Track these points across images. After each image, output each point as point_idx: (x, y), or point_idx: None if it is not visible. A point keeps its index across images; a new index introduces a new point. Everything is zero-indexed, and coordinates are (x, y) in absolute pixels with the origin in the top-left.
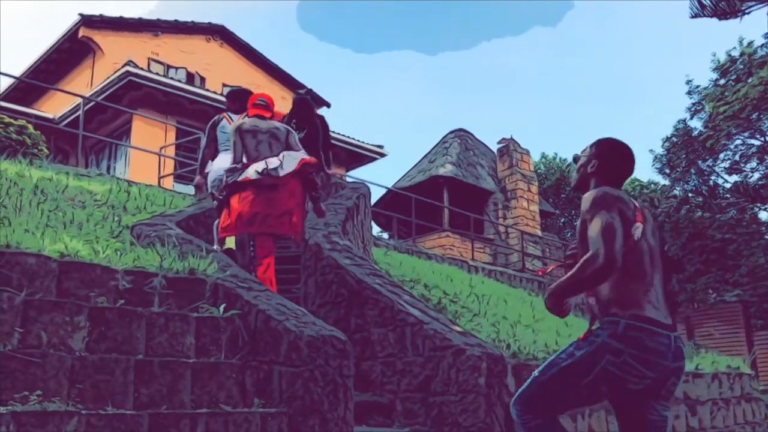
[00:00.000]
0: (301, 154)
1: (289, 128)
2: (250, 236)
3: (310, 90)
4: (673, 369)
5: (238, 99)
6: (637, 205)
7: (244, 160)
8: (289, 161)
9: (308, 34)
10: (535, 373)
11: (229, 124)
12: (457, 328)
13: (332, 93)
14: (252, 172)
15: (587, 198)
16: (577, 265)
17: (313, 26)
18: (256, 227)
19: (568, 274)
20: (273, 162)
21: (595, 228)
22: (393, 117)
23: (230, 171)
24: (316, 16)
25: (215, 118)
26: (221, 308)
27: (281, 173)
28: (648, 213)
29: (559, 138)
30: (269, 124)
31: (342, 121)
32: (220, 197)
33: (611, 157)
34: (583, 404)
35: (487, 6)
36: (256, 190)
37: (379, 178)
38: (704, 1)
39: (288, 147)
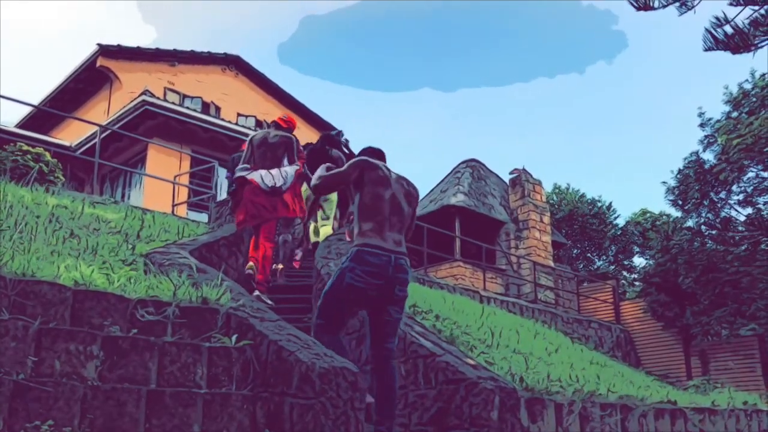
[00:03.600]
0: (295, 167)
1: (293, 138)
2: (257, 227)
3: (340, 131)
4: (395, 278)
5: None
6: (388, 174)
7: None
8: (289, 178)
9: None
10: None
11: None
12: (470, 361)
13: (350, 126)
14: (258, 178)
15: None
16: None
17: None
18: (261, 219)
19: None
20: (279, 179)
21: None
22: (406, 148)
23: (241, 169)
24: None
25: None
26: (233, 338)
27: (284, 188)
28: (403, 182)
29: (572, 169)
30: (277, 134)
31: (355, 150)
32: (231, 189)
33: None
34: (352, 314)
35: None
36: (263, 194)
37: None
38: (717, 35)
39: (289, 154)
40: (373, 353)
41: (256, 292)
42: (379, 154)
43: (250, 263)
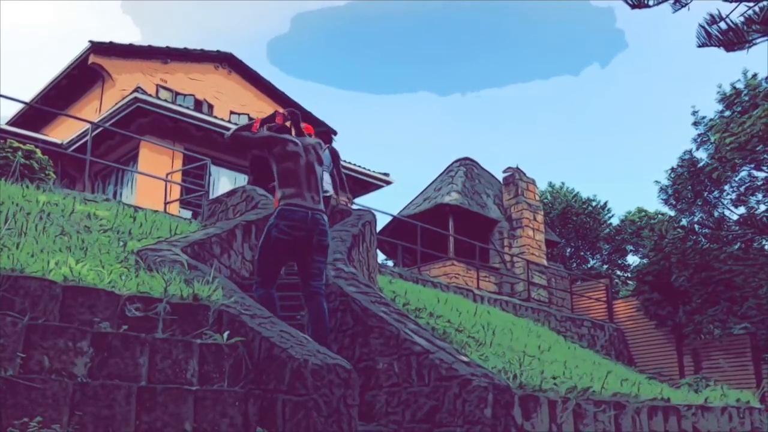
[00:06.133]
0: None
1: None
2: None
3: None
4: (314, 228)
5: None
6: (296, 144)
7: None
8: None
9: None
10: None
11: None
12: (464, 358)
13: (344, 127)
14: None
15: None
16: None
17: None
18: None
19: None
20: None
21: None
22: (400, 147)
23: None
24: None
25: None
26: (225, 335)
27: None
28: (311, 148)
29: (565, 167)
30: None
31: (349, 150)
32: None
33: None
34: (283, 264)
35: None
36: None
37: (384, 205)
38: (711, 31)
39: None
40: (304, 292)
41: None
42: (287, 129)
43: None
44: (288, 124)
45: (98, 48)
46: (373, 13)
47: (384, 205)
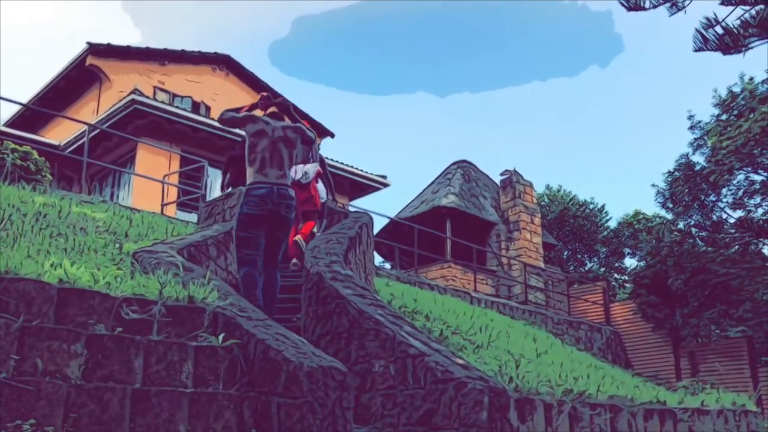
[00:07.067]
0: (315, 166)
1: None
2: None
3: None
4: (280, 202)
5: None
6: (266, 125)
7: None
8: (311, 171)
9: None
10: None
11: None
12: (460, 361)
13: (342, 128)
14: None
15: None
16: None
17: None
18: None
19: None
20: (299, 172)
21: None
22: (398, 148)
23: None
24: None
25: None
26: (220, 337)
27: (304, 182)
28: (280, 130)
29: (564, 169)
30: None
31: (346, 152)
32: None
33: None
34: (257, 240)
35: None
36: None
37: (382, 207)
38: (708, 35)
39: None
40: (264, 260)
41: (295, 260)
42: (276, 115)
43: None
44: (271, 110)
45: (96, 49)
46: (372, 14)
47: (381, 207)
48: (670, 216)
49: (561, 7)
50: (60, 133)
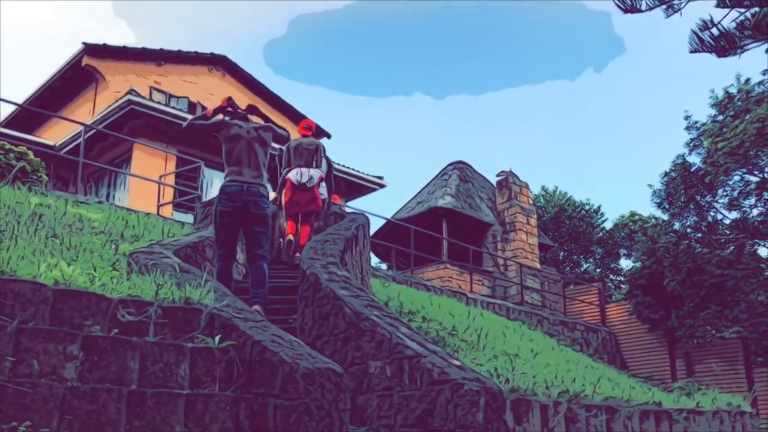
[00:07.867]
0: (320, 172)
1: (319, 143)
2: (296, 214)
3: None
4: (250, 199)
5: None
6: (240, 129)
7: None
8: (315, 176)
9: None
10: None
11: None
12: (456, 362)
13: (339, 129)
14: (293, 176)
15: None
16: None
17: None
18: (298, 210)
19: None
20: (305, 176)
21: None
22: (395, 149)
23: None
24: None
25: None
26: (216, 339)
27: (309, 185)
28: (254, 131)
29: (560, 170)
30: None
31: (343, 153)
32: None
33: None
34: (232, 235)
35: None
36: (295, 190)
37: (378, 208)
38: (703, 37)
39: (317, 157)
40: (248, 257)
41: (298, 254)
42: (242, 117)
43: (291, 235)
44: (238, 110)
45: (92, 50)
46: (370, 14)
47: (378, 208)
48: (665, 217)
49: (561, 8)
50: (56, 134)
